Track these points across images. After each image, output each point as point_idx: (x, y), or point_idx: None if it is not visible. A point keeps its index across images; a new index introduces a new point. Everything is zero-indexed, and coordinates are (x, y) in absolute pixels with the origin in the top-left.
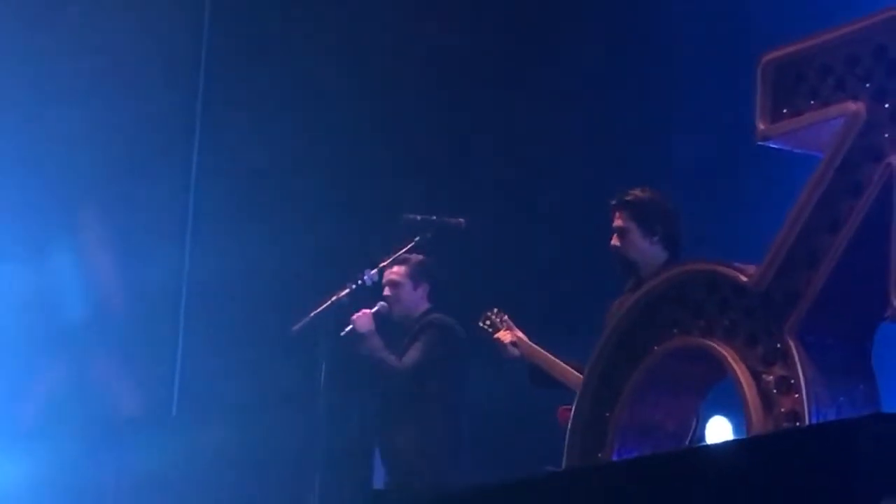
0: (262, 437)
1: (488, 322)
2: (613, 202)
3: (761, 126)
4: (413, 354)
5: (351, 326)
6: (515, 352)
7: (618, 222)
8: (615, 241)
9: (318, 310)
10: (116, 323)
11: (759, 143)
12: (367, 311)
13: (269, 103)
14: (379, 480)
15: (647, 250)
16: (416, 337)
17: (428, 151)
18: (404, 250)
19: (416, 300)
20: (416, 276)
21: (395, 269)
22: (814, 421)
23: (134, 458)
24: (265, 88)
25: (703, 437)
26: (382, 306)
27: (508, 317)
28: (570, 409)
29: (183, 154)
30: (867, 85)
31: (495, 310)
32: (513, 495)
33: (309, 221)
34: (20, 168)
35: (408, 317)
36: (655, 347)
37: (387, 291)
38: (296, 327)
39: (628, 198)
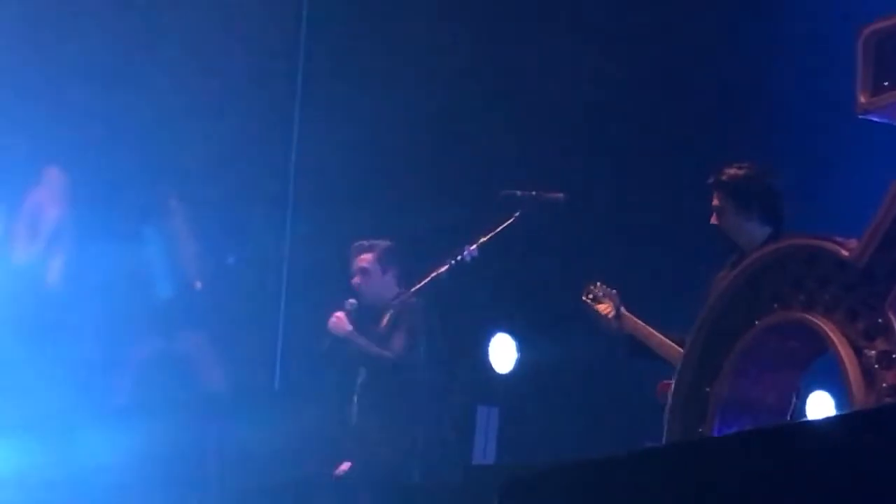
0: (360, 409)
1: (591, 296)
2: (710, 181)
3: (862, 99)
4: (401, 341)
5: (331, 332)
6: (617, 325)
7: (715, 201)
8: (713, 220)
9: (419, 285)
10: (220, 299)
11: (860, 116)
12: (340, 313)
13: (370, 79)
14: (478, 455)
15: (745, 228)
16: (397, 322)
17: (528, 126)
18: (504, 226)
19: (386, 285)
20: (384, 261)
21: (364, 256)
22: None
23: (237, 432)
24: (366, 64)
25: (803, 413)
26: (351, 303)
27: (612, 290)
28: (671, 384)
29: (283, 132)
30: None
31: (598, 283)
32: (612, 471)
33: (408, 197)
34: (122, 146)
35: (379, 302)
36: (756, 322)
37: (357, 279)
38: (396, 302)
39: (723, 177)
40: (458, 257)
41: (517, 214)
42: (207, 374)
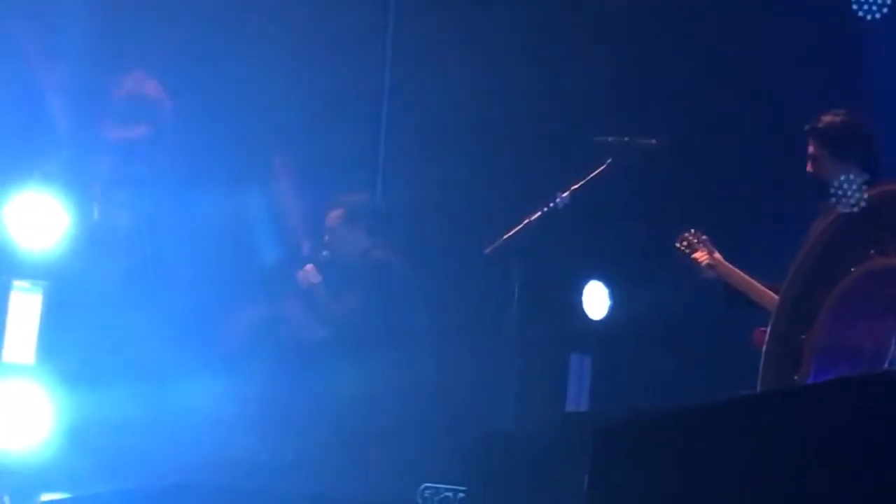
0: (455, 360)
1: (685, 243)
2: (806, 128)
3: None
4: (349, 301)
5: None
6: (712, 273)
7: (811, 149)
8: (809, 168)
9: (511, 232)
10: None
11: None
12: (310, 265)
13: (460, 31)
14: (572, 403)
15: (842, 175)
16: (353, 280)
17: (620, 72)
18: (596, 172)
19: (354, 241)
20: (350, 218)
21: (331, 213)
22: None
23: (328, 381)
24: (456, 17)
25: None
26: (324, 255)
27: (707, 238)
28: (766, 331)
29: (375, 80)
30: None
31: (693, 230)
32: (707, 418)
33: (501, 144)
34: (221, 113)
35: (348, 257)
36: (852, 269)
37: (326, 238)
38: (488, 250)
39: (819, 125)
40: (551, 204)
41: (609, 161)
42: (309, 331)
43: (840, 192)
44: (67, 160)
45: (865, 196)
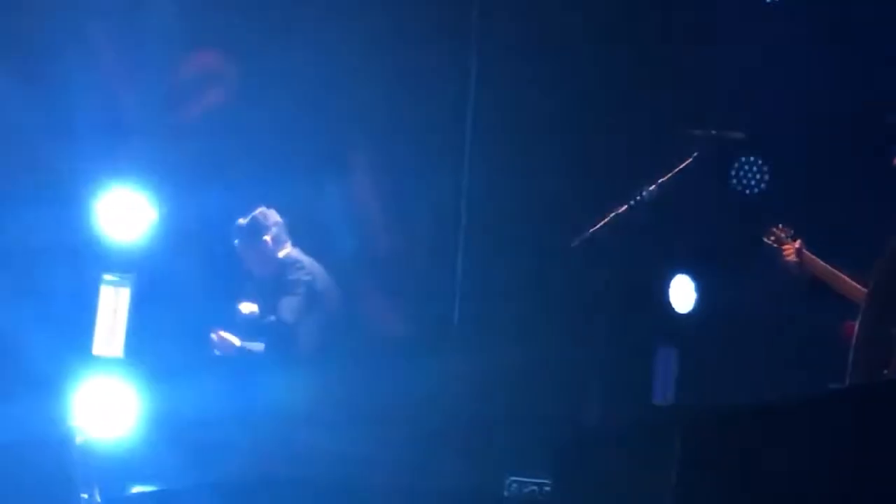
0: (541, 353)
1: (773, 237)
2: (893, 121)
3: None
4: (283, 307)
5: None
6: (799, 267)
7: None
8: None
9: (598, 225)
10: (404, 240)
11: None
12: (220, 333)
13: (546, 22)
14: (658, 396)
15: None
16: (281, 287)
17: (707, 66)
18: (683, 165)
19: (263, 256)
20: (249, 236)
21: (235, 241)
22: None
23: (419, 366)
24: (542, 7)
25: None
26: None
27: (794, 232)
28: (854, 325)
29: (461, 73)
30: None
31: (780, 225)
32: (796, 413)
33: (587, 137)
34: (303, 103)
35: (267, 272)
36: None
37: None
38: (575, 243)
39: None
40: (637, 197)
41: (696, 154)
42: (386, 320)
43: None
44: (141, 159)
45: None
